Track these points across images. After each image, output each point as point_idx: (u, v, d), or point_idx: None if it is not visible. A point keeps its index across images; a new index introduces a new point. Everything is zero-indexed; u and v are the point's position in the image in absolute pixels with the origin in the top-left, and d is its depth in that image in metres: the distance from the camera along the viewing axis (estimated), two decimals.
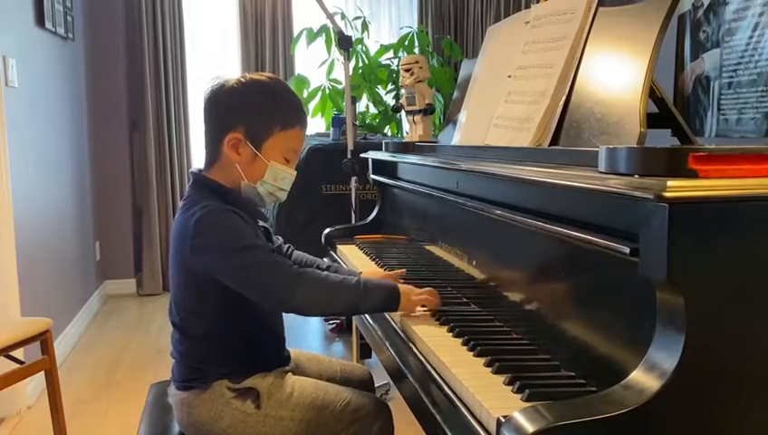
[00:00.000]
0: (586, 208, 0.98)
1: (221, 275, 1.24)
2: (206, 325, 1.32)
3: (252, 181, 1.33)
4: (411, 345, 1.24)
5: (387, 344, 1.30)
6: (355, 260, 1.90)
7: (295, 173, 1.37)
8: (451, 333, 1.21)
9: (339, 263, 1.89)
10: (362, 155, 2.33)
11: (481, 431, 0.88)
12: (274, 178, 1.33)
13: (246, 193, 1.34)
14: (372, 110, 4.34)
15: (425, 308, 1.34)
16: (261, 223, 1.40)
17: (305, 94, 4.07)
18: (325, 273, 1.31)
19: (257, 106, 1.32)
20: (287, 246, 1.63)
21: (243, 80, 1.34)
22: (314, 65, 4.25)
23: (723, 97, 3.25)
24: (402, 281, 1.50)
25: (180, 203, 1.35)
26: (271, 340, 1.40)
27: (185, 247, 1.26)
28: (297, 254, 1.64)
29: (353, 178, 2.58)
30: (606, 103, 1.20)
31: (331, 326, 3.63)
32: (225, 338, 1.32)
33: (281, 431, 1.29)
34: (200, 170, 1.37)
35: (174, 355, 1.36)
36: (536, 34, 1.46)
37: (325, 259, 1.73)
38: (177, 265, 1.32)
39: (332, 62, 4.15)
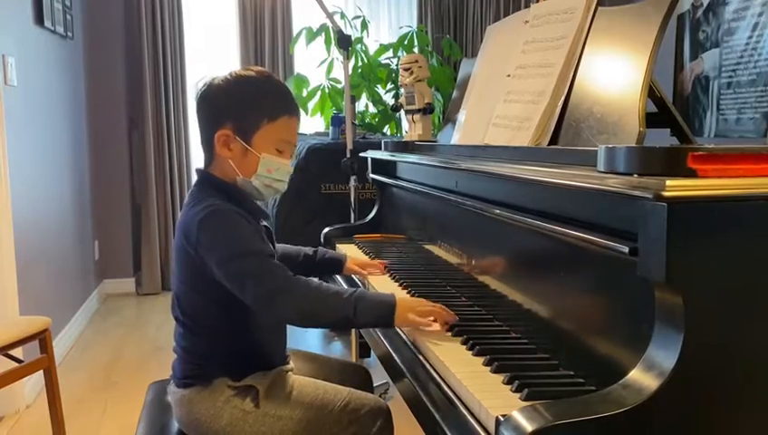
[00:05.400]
0: (585, 208, 0.98)
1: (218, 277, 1.25)
2: (210, 320, 1.32)
3: (247, 175, 1.33)
4: (410, 345, 1.24)
5: (386, 343, 1.30)
6: None
7: (290, 163, 1.37)
8: (450, 333, 1.21)
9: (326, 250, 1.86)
10: (361, 154, 2.33)
11: (480, 430, 0.88)
12: (268, 170, 1.33)
13: (243, 188, 1.34)
14: (371, 109, 4.34)
15: (434, 320, 1.25)
16: (263, 222, 1.40)
17: (305, 93, 4.07)
18: (318, 282, 1.29)
19: (242, 100, 1.33)
20: None
21: (230, 77, 1.35)
22: (314, 64, 4.25)
23: (722, 97, 3.25)
24: (385, 271, 1.55)
25: (186, 200, 1.36)
26: (273, 337, 1.40)
27: (189, 243, 1.27)
28: (279, 246, 1.63)
29: (352, 178, 2.58)
30: (605, 103, 1.20)
31: None
32: (228, 334, 1.32)
33: (279, 430, 1.29)
34: (204, 168, 1.38)
35: (176, 350, 1.37)
36: (535, 34, 1.46)
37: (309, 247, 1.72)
38: (180, 261, 1.32)
39: (332, 62, 4.15)
